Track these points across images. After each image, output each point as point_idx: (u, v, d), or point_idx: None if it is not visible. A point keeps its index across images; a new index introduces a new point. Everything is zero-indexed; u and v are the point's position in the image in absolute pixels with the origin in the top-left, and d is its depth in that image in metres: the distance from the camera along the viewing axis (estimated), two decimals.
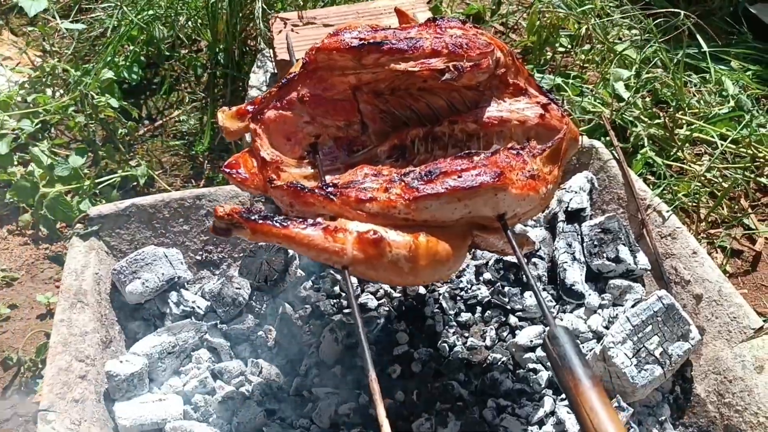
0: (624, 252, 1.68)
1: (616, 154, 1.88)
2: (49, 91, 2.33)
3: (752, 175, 2.12)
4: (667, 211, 1.73)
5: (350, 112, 1.37)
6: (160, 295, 1.58)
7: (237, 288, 1.59)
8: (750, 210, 2.02)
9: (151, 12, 2.42)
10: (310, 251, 1.09)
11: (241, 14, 2.42)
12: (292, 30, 1.77)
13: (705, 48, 2.44)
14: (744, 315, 1.49)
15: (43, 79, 2.37)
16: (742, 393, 1.40)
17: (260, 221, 1.08)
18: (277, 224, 1.09)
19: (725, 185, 2.07)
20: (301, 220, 1.12)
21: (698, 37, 2.46)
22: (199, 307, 1.57)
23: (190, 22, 2.50)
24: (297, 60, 1.45)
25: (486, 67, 1.30)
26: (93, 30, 2.49)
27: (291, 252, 1.68)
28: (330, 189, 1.18)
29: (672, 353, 1.44)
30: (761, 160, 2.16)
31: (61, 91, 2.32)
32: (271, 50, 1.98)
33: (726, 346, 1.48)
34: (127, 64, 2.34)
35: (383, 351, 1.59)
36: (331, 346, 1.56)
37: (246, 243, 1.75)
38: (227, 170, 1.27)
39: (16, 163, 2.08)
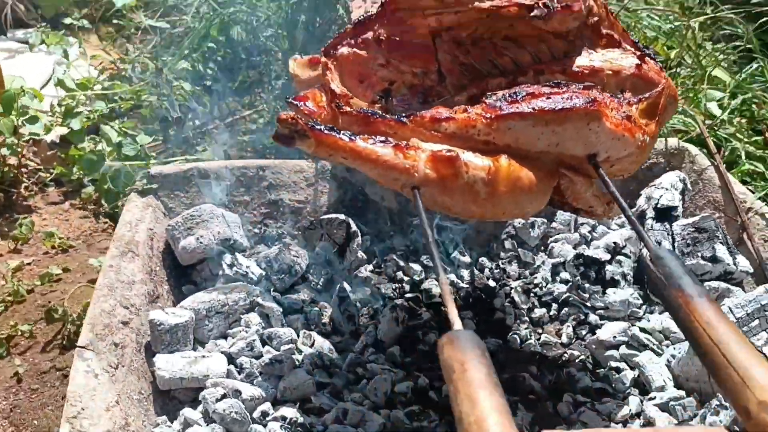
0: (722, 251, 1.50)
1: (710, 158, 1.73)
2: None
3: None
4: None
5: (428, 60, 1.28)
6: (213, 257, 1.49)
7: (295, 256, 1.49)
8: None
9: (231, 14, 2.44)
10: (378, 168, 0.99)
11: (320, 20, 2.42)
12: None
13: None
14: None
15: (122, 72, 2.41)
16: None
17: (326, 131, 0.99)
18: (345, 137, 0.99)
19: None
20: (369, 137, 1.02)
21: None
22: (252, 272, 1.48)
23: (266, 29, 2.51)
24: None
25: (578, 10, 1.20)
26: (175, 27, 2.53)
27: (353, 227, 1.58)
28: (403, 115, 1.09)
29: None
30: None
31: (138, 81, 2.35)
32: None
33: None
34: (202, 58, 2.36)
35: None
36: (391, 326, 1.43)
37: (306, 219, 1.66)
38: (295, 102, 1.19)
39: (87, 140, 2.08)
